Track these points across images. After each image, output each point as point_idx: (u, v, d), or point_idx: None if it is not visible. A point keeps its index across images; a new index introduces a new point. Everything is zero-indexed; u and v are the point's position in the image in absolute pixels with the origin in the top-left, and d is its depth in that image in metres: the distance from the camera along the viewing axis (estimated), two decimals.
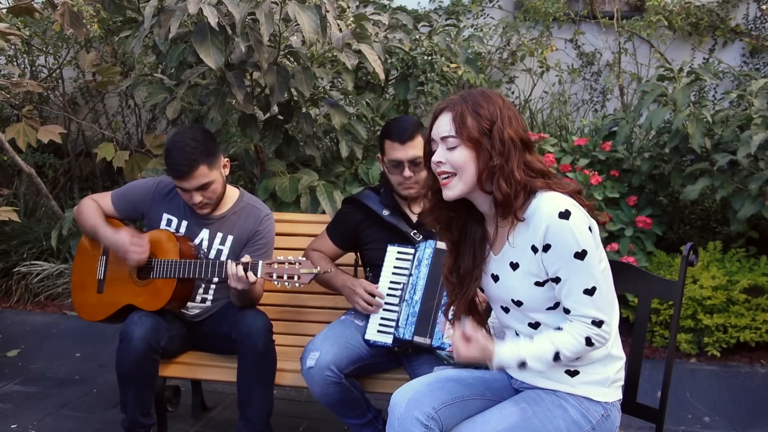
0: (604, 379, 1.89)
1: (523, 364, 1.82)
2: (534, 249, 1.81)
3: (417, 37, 4.13)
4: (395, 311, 2.59)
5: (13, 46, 4.95)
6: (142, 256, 2.68)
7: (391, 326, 2.58)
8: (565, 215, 1.75)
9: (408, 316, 2.55)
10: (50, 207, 4.57)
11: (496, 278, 1.92)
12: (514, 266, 1.86)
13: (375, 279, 2.69)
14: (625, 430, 2.09)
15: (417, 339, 2.54)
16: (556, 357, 1.81)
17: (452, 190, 1.84)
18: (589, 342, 1.80)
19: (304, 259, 2.57)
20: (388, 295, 2.62)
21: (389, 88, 4.25)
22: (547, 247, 1.78)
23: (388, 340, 2.58)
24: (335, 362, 2.47)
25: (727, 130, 3.58)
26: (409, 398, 1.88)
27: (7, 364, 3.94)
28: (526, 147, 1.83)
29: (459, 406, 1.91)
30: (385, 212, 2.72)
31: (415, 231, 2.68)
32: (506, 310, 1.95)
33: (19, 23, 4.80)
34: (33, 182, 4.47)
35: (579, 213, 1.78)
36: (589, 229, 1.79)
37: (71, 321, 4.20)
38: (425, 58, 4.04)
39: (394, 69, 4.13)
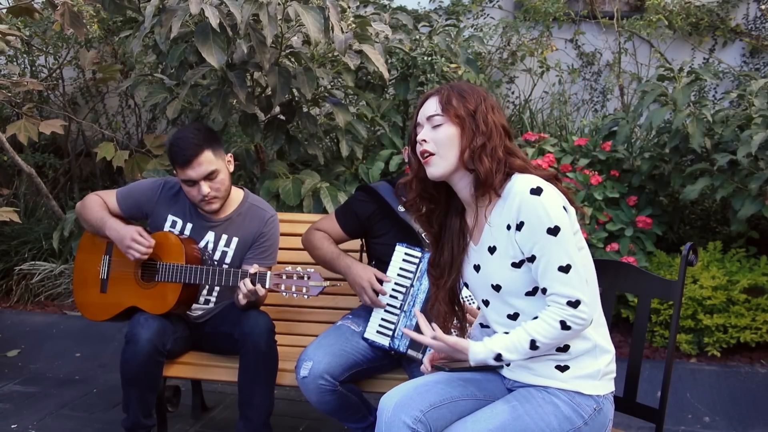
0: (595, 372, 1.89)
1: (498, 357, 1.83)
2: (508, 227, 1.84)
3: (417, 37, 4.14)
4: (396, 314, 2.58)
5: (13, 47, 4.95)
6: (142, 256, 2.66)
7: (390, 328, 2.57)
8: (536, 191, 1.80)
9: (405, 327, 2.55)
10: (50, 207, 4.57)
11: (477, 268, 1.95)
12: (492, 250, 1.89)
13: None
14: (625, 430, 2.09)
15: (411, 352, 2.54)
16: (533, 345, 1.80)
17: (435, 167, 1.90)
18: (564, 325, 1.78)
19: (313, 270, 2.56)
20: (390, 296, 2.60)
21: (389, 88, 4.25)
22: (520, 225, 1.81)
23: (385, 342, 2.57)
24: (329, 371, 2.45)
25: (727, 130, 3.58)
26: (396, 402, 1.87)
27: (7, 364, 3.94)
28: (507, 134, 1.92)
29: (448, 407, 1.89)
30: (400, 208, 2.68)
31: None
32: (486, 303, 1.97)
33: (19, 23, 4.80)
34: (33, 182, 4.47)
35: (552, 191, 1.82)
36: (564, 209, 1.82)
37: (71, 321, 4.20)
38: (425, 58, 4.04)
39: (394, 69, 4.14)
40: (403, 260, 2.60)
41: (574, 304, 1.78)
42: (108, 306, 2.79)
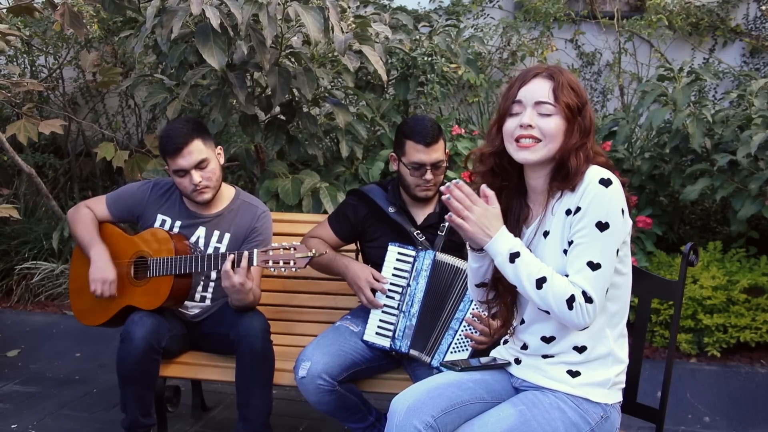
0: (605, 380, 1.89)
1: (514, 256, 1.78)
2: (568, 212, 1.82)
3: (417, 37, 4.14)
4: (395, 314, 2.58)
5: (13, 47, 4.95)
6: (103, 294, 2.71)
7: (389, 329, 2.57)
8: (605, 182, 1.79)
9: (405, 328, 2.54)
10: (50, 207, 4.57)
11: None
12: (546, 234, 1.88)
13: None
14: (625, 430, 2.09)
15: (413, 352, 2.54)
16: (541, 282, 1.77)
17: (535, 154, 1.83)
18: (570, 301, 1.75)
19: (299, 243, 2.57)
20: (387, 296, 2.60)
21: (389, 88, 4.25)
22: (578, 210, 1.79)
23: (385, 343, 2.57)
24: (327, 371, 2.46)
25: (727, 130, 3.58)
26: (408, 406, 1.86)
27: (7, 364, 3.94)
28: (594, 134, 1.90)
29: (458, 412, 1.89)
30: (391, 209, 2.70)
31: (418, 231, 2.66)
32: None
33: (19, 23, 4.80)
34: (33, 182, 4.47)
35: (620, 190, 1.80)
36: (622, 212, 1.80)
37: (71, 321, 4.19)
38: (425, 58, 4.04)
39: (394, 69, 4.14)
40: (397, 260, 2.60)
41: (589, 299, 1.77)
42: (103, 309, 2.80)
